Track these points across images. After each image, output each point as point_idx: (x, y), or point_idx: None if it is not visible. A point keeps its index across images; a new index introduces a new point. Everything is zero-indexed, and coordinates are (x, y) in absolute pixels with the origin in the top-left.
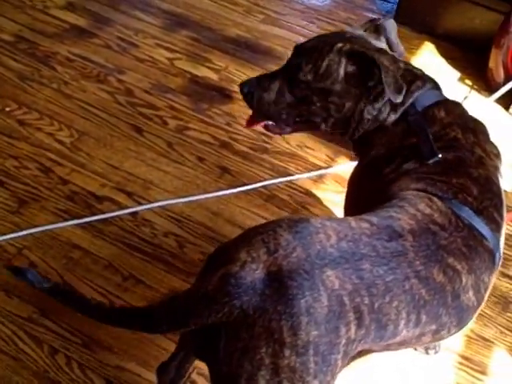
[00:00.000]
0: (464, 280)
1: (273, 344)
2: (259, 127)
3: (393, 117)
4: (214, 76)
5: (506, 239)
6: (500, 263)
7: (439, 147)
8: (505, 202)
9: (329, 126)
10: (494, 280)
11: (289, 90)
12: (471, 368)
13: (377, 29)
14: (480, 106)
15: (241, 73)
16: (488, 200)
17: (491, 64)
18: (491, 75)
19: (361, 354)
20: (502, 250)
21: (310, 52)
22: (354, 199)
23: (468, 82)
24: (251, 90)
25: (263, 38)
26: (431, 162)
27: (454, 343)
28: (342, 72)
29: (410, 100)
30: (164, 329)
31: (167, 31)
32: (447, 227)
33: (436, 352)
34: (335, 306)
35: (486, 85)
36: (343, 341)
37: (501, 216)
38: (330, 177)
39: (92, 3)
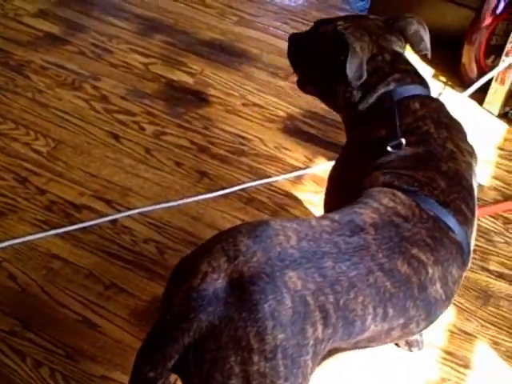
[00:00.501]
0: (430, 271)
1: (241, 352)
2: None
3: (364, 104)
4: (189, 80)
5: (485, 233)
6: (470, 256)
7: (411, 141)
8: (475, 197)
9: (321, 91)
10: (465, 274)
11: (308, 44)
12: (455, 362)
13: (392, 25)
14: (454, 101)
15: (216, 76)
16: (456, 193)
17: (464, 60)
18: (464, 71)
19: (331, 353)
20: (472, 242)
21: (329, 21)
22: (332, 195)
23: (442, 78)
24: (293, 46)
25: (238, 40)
26: (393, 146)
27: (437, 339)
28: (326, 44)
29: (384, 89)
30: (151, 374)
31: (141, 36)
32: (411, 219)
33: (419, 349)
34: (299, 307)
35: (460, 81)
36: (311, 341)
37: (469, 209)
38: (309, 177)
39: (64, 10)
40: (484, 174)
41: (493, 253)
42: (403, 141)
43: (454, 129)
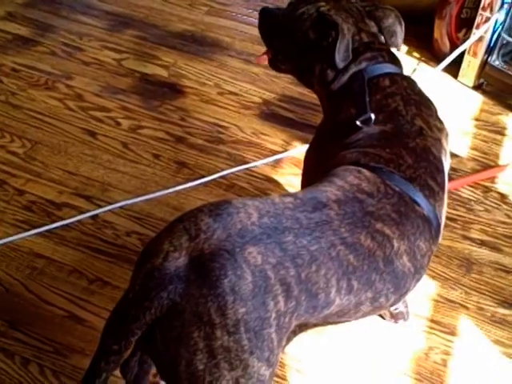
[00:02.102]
0: (396, 245)
1: (203, 327)
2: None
3: (337, 82)
4: (163, 72)
5: (465, 203)
6: (441, 229)
7: (380, 119)
8: (445, 171)
9: (295, 69)
10: (435, 247)
11: (284, 22)
12: (441, 331)
13: (370, 12)
14: (429, 76)
15: (190, 67)
16: (423, 168)
17: (436, 35)
18: (437, 46)
19: (301, 328)
20: (443, 215)
21: (305, 2)
22: (308, 176)
23: (416, 54)
24: (266, 19)
25: (209, 29)
26: (362, 121)
27: (422, 309)
28: (308, 24)
29: (355, 68)
30: (114, 347)
31: (112, 32)
32: (375, 195)
33: (405, 320)
34: (260, 281)
35: (434, 55)
36: (273, 314)
37: (437, 183)
38: (288, 160)
39: (32, 11)
40: (462, 146)
41: (474, 221)
42: (372, 116)
43: (423, 105)
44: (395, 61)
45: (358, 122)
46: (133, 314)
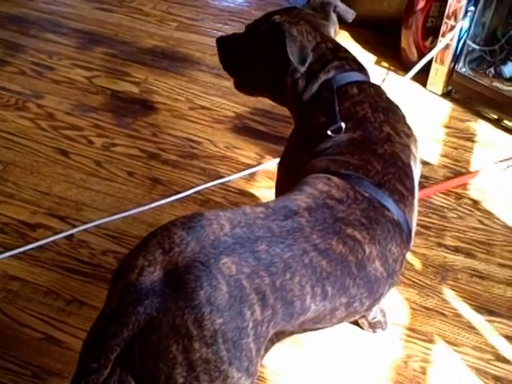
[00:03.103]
0: (367, 250)
1: (181, 340)
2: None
3: (308, 93)
4: (134, 89)
5: (438, 210)
6: (412, 233)
7: (348, 127)
8: (413, 176)
9: (264, 89)
10: (406, 251)
11: (244, 45)
12: (419, 339)
13: (323, 5)
14: (398, 85)
15: (161, 82)
16: (391, 174)
17: (403, 44)
18: (405, 55)
19: (279, 337)
20: (414, 220)
21: (260, 20)
22: (280, 187)
23: (384, 64)
24: (224, 47)
25: (179, 45)
26: (332, 130)
27: (400, 317)
28: (270, 41)
29: (324, 76)
30: (94, 365)
31: (82, 50)
32: (345, 201)
33: (383, 329)
34: (235, 291)
35: (402, 64)
36: (250, 324)
37: (406, 188)
38: (262, 174)
39: (0, 31)
40: (433, 153)
41: (447, 228)
42: (343, 125)
43: (391, 112)
44: (361, 69)
45: (328, 132)
46: (111, 330)
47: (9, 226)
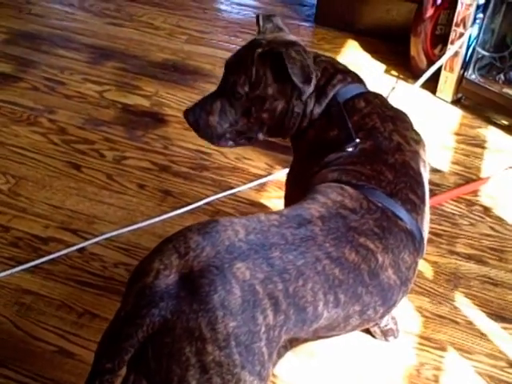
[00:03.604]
0: (380, 259)
1: (195, 342)
2: None
3: (318, 110)
4: (145, 102)
5: (449, 218)
6: (424, 242)
7: (359, 138)
8: (424, 184)
9: (265, 133)
10: (419, 259)
11: (230, 107)
12: (431, 347)
13: (274, 22)
14: (408, 93)
15: (171, 95)
16: (402, 183)
17: (413, 52)
18: (414, 63)
19: (293, 343)
20: (425, 228)
21: (238, 65)
22: (290, 198)
23: (394, 72)
24: (197, 118)
25: (189, 58)
26: (349, 147)
27: (412, 325)
28: (269, 74)
29: (332, 93)
30: (108, 366)
31: (93, 65)
32: (358, 210)
33: (395, 337)
34: (249, 295)
35: (412, 73)
36: (263, 328)
37: (418, 197)
38: (272, 184)
39: (13, 48)
40: (443, 160)
41: (459, 235)
42: (358, 140)
43: (398, 120)
44: (359, 78)
45: (347, 149)
46: (125, 332)
47: (22, 240)
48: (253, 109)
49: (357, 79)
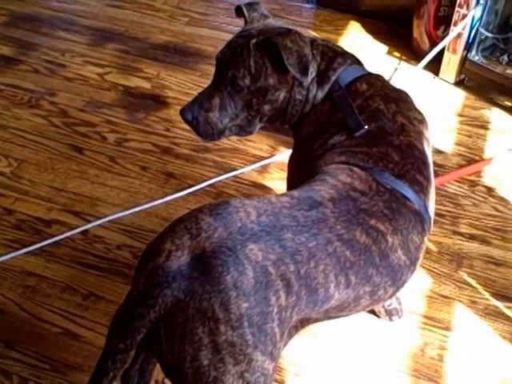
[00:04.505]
0: (390, 240)
1: (208, 323)
2: None
3: (320, 94)
4: (146, 85)
5: (452, 198)
6: (431, 221)
7: (362, 120)
8: (430, 164)
9: (264, 121)
10: (426, 239)
11: (230, 101)
12: (435, 326)
13: (258, 10)
14: (410, 75)
15: (173, 77)
16: (409, 164)
17: (415, 34)
18: (417, 45)
19: (303, 324)
20: (432, 207)
21: (233, 59)
22: (292, 181)
23: (396, 54)
24: (195, 115)
25: (190, 40)
26: (359, 134)
27: (416, 305)
28: (268, 63)
29: (334, 77)
30: (120, 345)
31: (94, 47)
32: (368, 193)
33: (400, 317)
34: (261, 276)
35: (414, 54)
36: (275, 309)
37: (424, 177)
38: (274, 166)
39: (13, 30)
40: (446, 142)
41: (462, 216)
42: (366, 127)
43: (401, 101)
44: (358, 61)
45: (355, 135)
46: (137, 312)
47: (25, 222)
48: (254, 101)
49: (356, 61)
